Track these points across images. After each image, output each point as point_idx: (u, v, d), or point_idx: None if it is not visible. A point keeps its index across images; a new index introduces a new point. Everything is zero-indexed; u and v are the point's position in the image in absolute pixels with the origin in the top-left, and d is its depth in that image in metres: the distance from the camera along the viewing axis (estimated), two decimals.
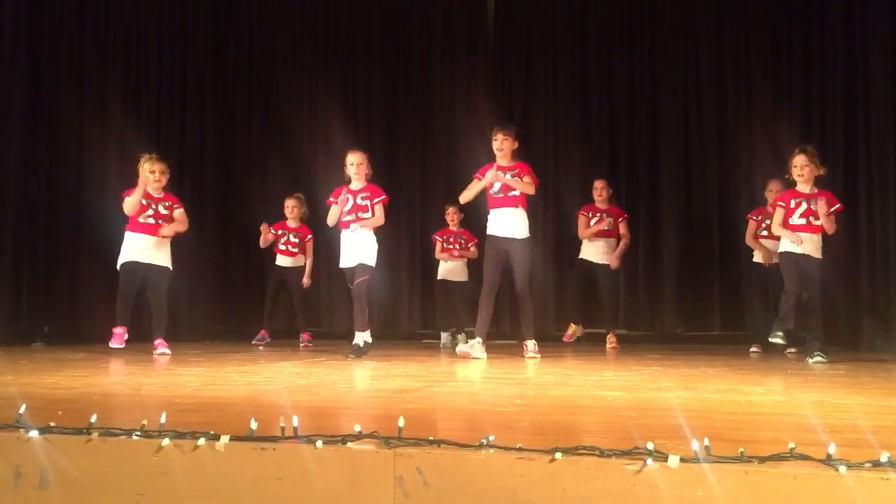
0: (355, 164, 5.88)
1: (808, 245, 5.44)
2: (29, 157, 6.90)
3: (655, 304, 8.02)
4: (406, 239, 8.67)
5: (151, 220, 5.97)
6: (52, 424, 2.21)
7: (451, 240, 7.50)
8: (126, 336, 5.84)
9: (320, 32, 9.10)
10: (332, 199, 5.88)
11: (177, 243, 6.29)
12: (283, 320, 7.95)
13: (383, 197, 5.89)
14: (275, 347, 6.84)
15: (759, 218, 6.52)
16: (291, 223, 7.43)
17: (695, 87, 8.12)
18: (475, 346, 5.61)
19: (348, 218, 5.82)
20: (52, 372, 4.26)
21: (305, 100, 9.01)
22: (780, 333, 5.43)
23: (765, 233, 6.42)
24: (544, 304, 8.08)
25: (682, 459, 1.81)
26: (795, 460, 1.81)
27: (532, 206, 6.77)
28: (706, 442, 1.86)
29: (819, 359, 5.25)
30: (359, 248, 5.78)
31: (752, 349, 6.39)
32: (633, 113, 8.29)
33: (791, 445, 1.84)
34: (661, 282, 8.00)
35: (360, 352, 5.61)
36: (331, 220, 5.89)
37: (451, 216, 7.51)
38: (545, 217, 8.08)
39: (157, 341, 5.91)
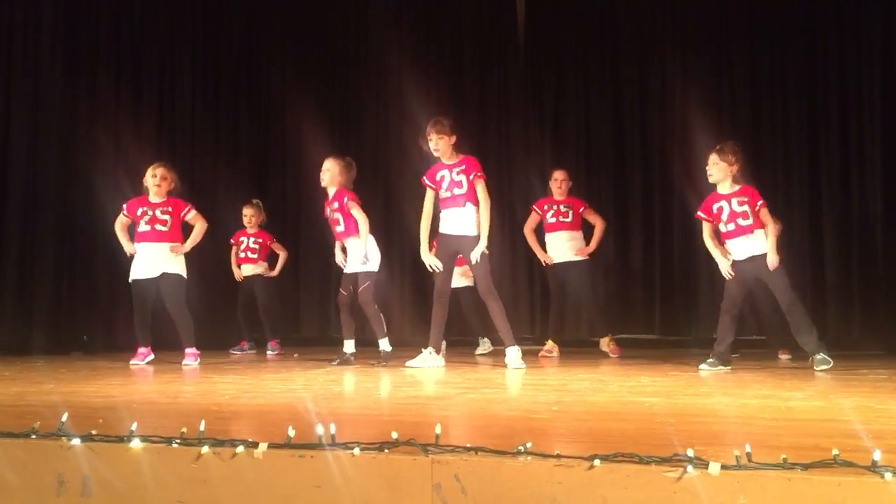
0: (323, 171, 5.92)
1: (747, 246, 5.15)
2: (68, 167, 7.01)
3: (691, 309, 7.95)
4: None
5: (148, 228, 5.84)
6: (93, 432, 2.23)
7: None
8: (149, 356, 5.83)
9: (350, 44, 9.15)
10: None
11: (199, 251, 6.25)
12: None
13: (349, 198, 5.79)
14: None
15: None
16: (250, 230, 7.45)
17: (728, 93, 8.04)
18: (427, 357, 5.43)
19: (337, 229, 5.85)
20: (91, 380, 4.32)
21: (329, 110, 9.03)
22: (711, 360, 5.12)
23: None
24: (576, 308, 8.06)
25: (723, 466, 1.78)
26: (840, 467, 1.77)
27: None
28: (747, 448, 1.83)
29: (824, 366, 4.90)
30: (356, 258, 5.76)
31: (781, 355, 6.16)
32: (665, 120, 8.22)
33: (835, 452, 1.81)
34: (696, 286, 7.91)
35: (387, 358, 5.63)
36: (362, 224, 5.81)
37: None
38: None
39: (187, 350, 5.87)
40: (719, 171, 5.22)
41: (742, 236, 5.17)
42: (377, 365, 5.53)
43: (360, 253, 5.73)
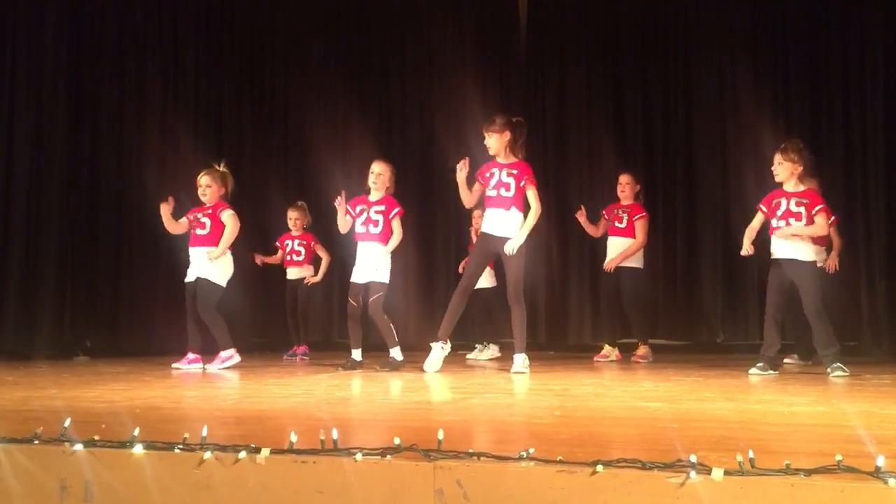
0: (374, 174, 5.79)
1: (789, 248, 5.11)
2: (71, 172, 7.03)
3: (694, 313, 7.93)
4: (439, 250, 8.65)
5: (192, 232, 5.98)
6: (96, 438, 2.23)
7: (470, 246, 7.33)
8: (194, 360, 5.82)
9: (353, 42, 9.16)
10: (347, 206, 5.76)
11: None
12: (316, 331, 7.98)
13: (397, 210, 5.75)
14: (313, 360, 6.86)
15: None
16: (295, 232, 7.43)
17: (730, 92, 8.03)
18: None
19: (361, 230, 5.77)
20: (94, 385, 4.32)
21: (335, 110, 9.04)
22: (760, 365, 5.13)
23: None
24: (580, 312, 8.05)
25: (726, 472, 1.78)
26: (843, 473, 1.76)
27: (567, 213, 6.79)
28: (750, 454, 1.83)
29: (839, 373, 4.86)
30: (370, 263, 5.69)
31: (785, 359, 6.09)
32: (667, 118, 8.22)
33: (838, 457, 1.80)
34: (699, 289, 7.90)
35: (394, 365, 5.57)
36: (341, 227, 5.82)
37: (477, 220, 7.16)
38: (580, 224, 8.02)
39: (222, 353, 5.89)
40: (784, 170, 5.17)
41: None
42: (382, 370, 5.50)
43: (377, 263, 5.67)
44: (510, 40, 8.76)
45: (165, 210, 5.96)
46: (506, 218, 5.34)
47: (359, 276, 5.75)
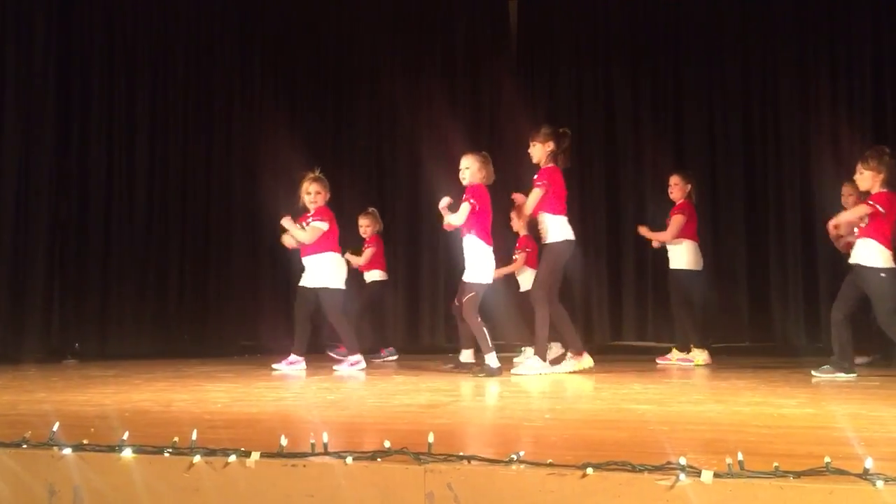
0: (461, 168, 5.55)
1: (854, 251, 5.08)
2: (60, 177, 7.00)
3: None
4: (427, 251, 8.66)
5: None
6: (84, 442, 2.22)
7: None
8: (295, 364, 5.85)
9: (344, 46, 9.16)
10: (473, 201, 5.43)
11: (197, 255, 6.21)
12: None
13: (468, 198, 5.40)
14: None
15: None
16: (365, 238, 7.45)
17: (720, 93, 8.07)
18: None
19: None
20: (83, 389, 4.30)
21: (328, 114, 9.05)
22: (826, 367, 4.98)
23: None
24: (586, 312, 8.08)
25: (715, 474, 1.79)
26: (832, 475, 1.77)
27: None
28: (740, 456, 1.83)
29: (824, 376, 4.88)
30: (465, 260, 5.44)
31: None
32: (658, 119, 8.25)
33: (827, 460, 1.81)
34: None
35: (489, 372, 5.21)
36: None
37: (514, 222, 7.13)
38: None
39: (350, 357, 5.94)
40: (865, 179, 5.11)
41: (857, 239, 5.10)
42: (478, 376, 5.23)
43: (474, 261, 5.38)
44: (501, 42, 8.78)
45: (289, 224, 5.98)
46: (540, 222, 5.47)
47: (465, 274, 5.51)
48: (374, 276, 7.40)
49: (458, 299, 5.64)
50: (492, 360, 5.24)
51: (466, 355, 5.84)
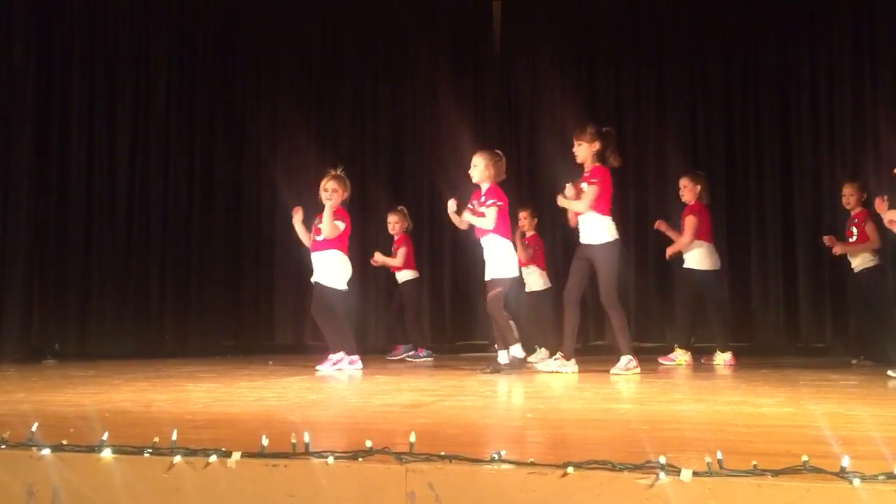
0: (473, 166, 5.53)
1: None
2: (39, 177, 6.95)
3: (666, 315, 7.99)
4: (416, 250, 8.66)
5: (314, 238, 5.99)
6: (64, 443, 2.21)
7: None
8: (332, 363, 5.80)
9: (327, 45, 9.15)
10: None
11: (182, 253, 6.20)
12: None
13: (493, 201, 5.41)
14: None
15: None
16: (395, 237, 7.46)
17: (702, 93, 8.13)
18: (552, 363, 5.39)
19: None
20: (63, 389, 4.27)
21: (309, 113, 9.02)
22: None
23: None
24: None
25: (694, 473, 1.80)
26: (809, 473, 1.79)
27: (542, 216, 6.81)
28: (719, 455, 1.85)
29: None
30: (488, 259, 5.45)
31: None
32: (640, 120, 8.29)
33: (804, 458, 1.82)
34: (672, 292, 7.96)
35: (514, 365, 5.29)
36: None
37: (523, 221, 7.14)
38: (552, 226, 8.04)
39: (332, 356, 5.89)
40: None
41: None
42: (484, 372, 5.28)
43: (497, 258, 5.39)
44: (484, 41, 8.79)
45: (298, 221, 5.98)
46: (585, 221, 5.37)
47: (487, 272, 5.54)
48: (405, 275, 7.40)
49: (486, 298, 5.61)
50: (516, 350, 5.33)
51: (504, 356, 5.81)
